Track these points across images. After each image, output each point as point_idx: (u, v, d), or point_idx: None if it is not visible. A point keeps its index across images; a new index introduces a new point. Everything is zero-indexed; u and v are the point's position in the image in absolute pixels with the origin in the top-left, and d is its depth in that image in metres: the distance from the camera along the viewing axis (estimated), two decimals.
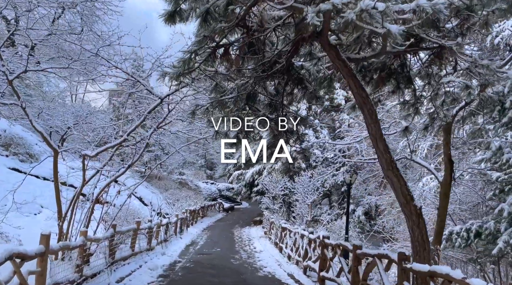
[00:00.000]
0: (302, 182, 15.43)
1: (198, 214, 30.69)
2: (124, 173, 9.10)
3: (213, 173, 60.03)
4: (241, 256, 15.29)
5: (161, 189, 32.99)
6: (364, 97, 6.70)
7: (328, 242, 9.30)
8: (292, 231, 14.90)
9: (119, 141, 8.17)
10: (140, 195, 24.52)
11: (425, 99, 8.58)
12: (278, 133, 8.52)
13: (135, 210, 17.77)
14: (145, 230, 14.24)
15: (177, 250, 16.44)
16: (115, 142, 8.36)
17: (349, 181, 13.75)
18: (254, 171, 29.58)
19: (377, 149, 6.92)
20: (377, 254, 6.40)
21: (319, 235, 10.23)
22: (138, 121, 8.10)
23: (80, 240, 8.66)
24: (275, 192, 22.03)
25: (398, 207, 22.12)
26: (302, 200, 15.19)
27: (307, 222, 15.09)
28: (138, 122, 8.03)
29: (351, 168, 16.71)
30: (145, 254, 13.92)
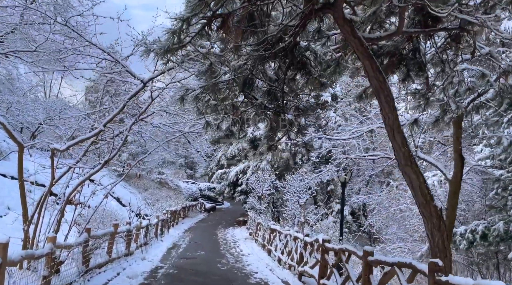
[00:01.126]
0: (294, 180, 14.54)
1: (179, 215, 29.49)
2: (99, 170, 7.98)
3: (194, 173, 58.67)
4: (228, 260, 14.27)
5: (140, 189, 31.66)
6: (381, 82, 5.82)
7: (330, 246, 8.41)
8: (282, 233, 13.99)
9: (94, 133, 7.06)
10: (118, 195, 23.17)
11: (438, 88, 7.80)
12: (277, 124, 7.58)
13: (113, 211, 16.50)
14: (124, 233, 13.06)
15: (158, 254, 15.29)
16: (89, 134, 7.25)
17: (344, 180, 12.95)
18: (238, 170, 28.56)
19: (394, 142, 6.06)
20: (397, 262, 5.53)
21: (317, 239, 9.33)
22: (117, 109, 7.02)
23: (48, 248, 7.48)
24: (262, 192, 21.09)
25: (388, 207, 21.56)
26: (294, 200, 14.31)
27: (299, 223, 14.21)
28: (116, 111, 6.95)
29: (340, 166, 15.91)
30: (124, 260, 12.75)
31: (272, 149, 7.69)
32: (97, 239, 10.55)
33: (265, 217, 17.52)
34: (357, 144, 12.56)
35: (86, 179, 8.15)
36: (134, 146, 22.14)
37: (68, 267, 8.88)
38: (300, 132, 7.40)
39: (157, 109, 9.15)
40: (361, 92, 7.47)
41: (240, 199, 30.65)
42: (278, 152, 7.72)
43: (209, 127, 7.51)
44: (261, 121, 7.66)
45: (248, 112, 7.57)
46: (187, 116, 9.62)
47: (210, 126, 7.50)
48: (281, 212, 21.05)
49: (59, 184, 9.70)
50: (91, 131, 7.73)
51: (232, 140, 8.05)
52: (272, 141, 7.62)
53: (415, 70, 7.40)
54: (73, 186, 9.68)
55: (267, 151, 7.74)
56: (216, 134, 8.07)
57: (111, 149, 8.03)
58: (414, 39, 7.13)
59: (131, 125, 7.81)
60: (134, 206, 22.10)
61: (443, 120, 8.16)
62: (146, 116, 9.25)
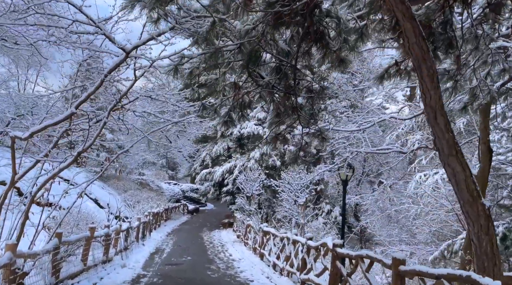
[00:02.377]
0: (291, 178, 13.37)
1: (161, 217, 27.99)
2: (72, 163, 6.65)
3: (176, 174, 57.10)
4: (218, 266, 13.01)
5: (120, 190, 30.00)
6: (424, 51, 4.73)
7: (343, 252, 7.27)
8: (277, 236, 12.82)
9: (64, 116, 5.75)
10: (96, 196, 21.59)
11: (469, 69, 6.78)
12: (285, 109, 6.41)
13: (89, 213, 15.03)
14: (101, 238, 11.66)
15: (140, 260, 13.89)
16: (57, 118, 5.94)
17: (346, 177, 11.88)
18: (225, 169, 27.28)
19: (435, 126, 4.97)
20: (446, 274, 4.42)
21: (325, 243, 8.20)
22: (92, 88, 5.71)
23: (6, 257, 6.11)
24: (251, 192, 19.89)
25: (383, 207, 20.67)
26: (292, 199, 13.16)
27: (298, 225, 13.06)
28: (92, 89, 5.64)
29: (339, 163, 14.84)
30: (101, 268, 11.35)
31: (279, 139, 6.53)
32: (70, 245, 9.16)
33: (256, 218, 16.32)
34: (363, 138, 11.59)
35: (56, 174, 6.80)
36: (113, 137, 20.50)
37: (34, 279, 7.50)
38: (313, 118, 6.25)
39: (141, 95, 7.85)
40: (383, 71, 6.38)
41: (226, 200, 29.37)
42: (286, 141, 6.56)
43: (205, 111, 6.29)
44: (266, 105, 6.47)
45: (251, 94, 6.39)
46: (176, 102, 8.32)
47: (207, 110, 6.28)
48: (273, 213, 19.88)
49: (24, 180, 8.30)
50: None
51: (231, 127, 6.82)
52: (279, 129, 6.46)
53: (445, 46, 6.35)
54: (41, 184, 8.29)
55: (273, 142, 6.58)
56: (207, 126, 6.77)
57: (86, 138, 6.71)
58: (446, 10, 6.09)
59: (110, 109, 6.52)
60: (113, 207, 20.55)
61: (472, 107, 7.18)
62: (128, 102, 7.95)
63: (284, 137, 6.51)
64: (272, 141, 6.53)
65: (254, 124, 26.54)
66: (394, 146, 12.07)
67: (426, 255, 12.45)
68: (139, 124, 9.75)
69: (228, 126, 6.65)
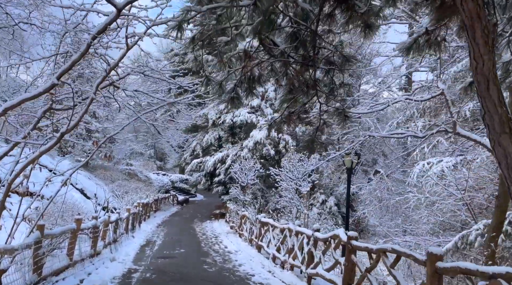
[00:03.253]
0: (292, 166, 12.59)
1: (151, 208, 27.12)
2: (55, 145, 5.77)
3: (164, 164, 56.05)
4: (215, 259, 12.25)
5: (107, 180, 29.02)
6: (480, 7, 3.96)
7: (360, 245, 6.55)
8: (277, 227, 12.10)
9: (44, 88, 4.83)
10: (82, 186, 20.59)
11: (503, 40, 6.05)
12: (300, 84, 5.60)
13: (75, 204, 14.12)
14: (89, 230, 10.78)
15: (130, 253, 13.06)
16: (36, 90, 5.03)
17: (351, 164, 11.17)
18: (217, 159, 26.41)
19: (486, 98, 4.21)
20: (505, 273, 3.71)
21: (336, 234, 7.48)
22: (77, 54, 4.82)
23: None
24: (246, 182, 19.12)
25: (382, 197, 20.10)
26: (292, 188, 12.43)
27: (304, 216, 12.33)
28: (77, 56, 4.71)
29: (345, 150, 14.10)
30: (89, 262, 10.49)
31: (293, 118, 5.73)
32: (53, 238, 8.28)
33: (253, 209, 15.58)
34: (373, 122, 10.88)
35: (36, 158, 5.91)
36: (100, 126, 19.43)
37: (13, 277, 6.63)
38: (333, 94, 5.46)
39: (133, 70, 6.93)
40: (411, 41, 5.60)
41: (218, 190, 28.55)
42: (301, 121, 5.76)
43: (208, 86, 5.45)
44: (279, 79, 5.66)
45: (262, 65, 5.56)
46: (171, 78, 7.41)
47: (211, 84, 5.43)
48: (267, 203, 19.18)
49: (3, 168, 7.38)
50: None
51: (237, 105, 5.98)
52: (293, 107, 5.65)
53: None
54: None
55: (287, 121, 5.77)
56: (215, 102, 5.90)
57: (70, 118, 5.82)
58: None
59: (98, 84, 5.61)
60: (101, 198, 19.61)
61: (504, 83, 6.49)
62: (119, 78, 7.04)
63: (298, 116, 5.72)
64: (285, 121, 5.72)
65: (247, 112, 25.69)
66: (408, 130, 11.36)
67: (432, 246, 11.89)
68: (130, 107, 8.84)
69: (234, 104, 5.82)
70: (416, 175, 14.55)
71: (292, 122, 5.75)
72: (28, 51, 14.49)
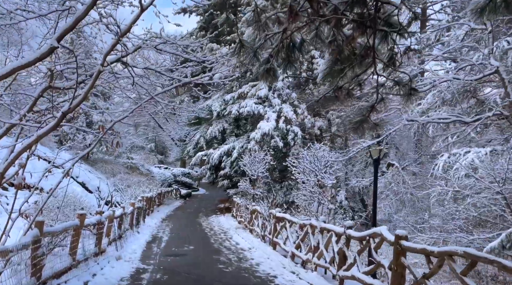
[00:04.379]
0: (313, 156, 11.57)
1: (154, 202, 26.26)
2: (55, 128, 4.80)
3: (165, 158, 55.22)
4: (228, 257, 11.33)
5: (108, 174, 28.15)
6: None
7: (416, 247, 5.60)
8: (296, 223, 11.17)
9: (42, 52, 3.84)
10: (83, 180, 19.67)
11: None
12: (350, 53, 4.62)
13: (77, 198, 13.17)
14: (93, 227, 9.86)
15: (136, 251, 12.16)
16: (30, 56, 4.05)
17: (378, 155, 10.23)
18: (222, 151, 25.42)
19: None
20: None
21: (378, 233, 6.54)
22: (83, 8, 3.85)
23: None
24: (257, 174, 18.19)
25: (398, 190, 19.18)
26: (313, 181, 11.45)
27: (331, 212, 11.38)
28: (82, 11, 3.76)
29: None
30: (93, 261, 9.58)
31: (341, 93, 4.76)
32: (54, 236, 7.35)
33: (265, 203, 14.65)
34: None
35: (33, 143, 4.96)
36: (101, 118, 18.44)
37: (8, 283, 5.70)
38: (393, 62, 4.49)
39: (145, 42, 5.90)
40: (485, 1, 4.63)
41: (223, 184, 27.63)
42: (351, 96, 4.78)
43: (242, 53, 4.47)
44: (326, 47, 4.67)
45: (305, 30, 4.58)
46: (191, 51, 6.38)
47: (245, 50, 4.46)
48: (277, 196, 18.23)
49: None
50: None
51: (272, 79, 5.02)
52: (343, 79, 4.68)
53: None
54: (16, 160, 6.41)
55: (335, 97, 4.79)
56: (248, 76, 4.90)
57: (73, 95, 4.86)
58: None
59: (107, 53, 4.64)
60: (103, 192, 18.68)
61: None
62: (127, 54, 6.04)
63: (348, 91, 4.76)
64: (333, 97, 4.75)
65: (254, 102, 24.67)
66: (454, 114, 10.31)
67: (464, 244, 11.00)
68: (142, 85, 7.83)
69: (269, 78, 4.84)
70: (441, 167, 13.60)
71: (340, 99, 4.79)
72: (27, 43, 13.49)
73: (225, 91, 30.12)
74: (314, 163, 11.89)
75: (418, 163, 20.66)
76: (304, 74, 26.01)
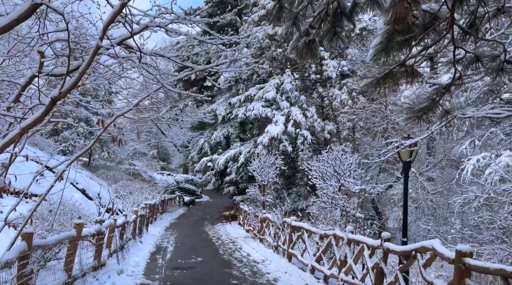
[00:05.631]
0: (334, 159, 10.44)
1: (157, 210, 25.23)
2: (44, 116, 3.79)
3: (167, 164, 54.33)
4: (242, 271, 10.27)
5: (110, 180, 27.22)
6: None
7: (490, 266, 4.56)
8: (316, 234, 10.12)
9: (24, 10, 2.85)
10: (83, 186, 18.66)
11: None
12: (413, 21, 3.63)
13: (76, 206, 12.14)
14: (92, 237, 8.83)
15: (140, 263, 11.14)
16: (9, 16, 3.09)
17: (409, 157, 9.21)
18: (228, 156, 24.40)
19: None
20: None
21: (429, 247, 5.50)
22: None
23: None
24: (267, 180, 17.16)
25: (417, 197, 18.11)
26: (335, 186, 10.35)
27: (358, 221, 10.30)
28: None
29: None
30: (91, 276, 8.54)
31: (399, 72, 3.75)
32: (47, 250, 6.34)
33: (278, 211, 13.60)
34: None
35: (17, 137, 3.98)
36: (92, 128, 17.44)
37: None
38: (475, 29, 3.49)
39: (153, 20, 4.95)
40: None
41: (229, 190, 26.58)
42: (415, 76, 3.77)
43: (279, 19, 3.50)
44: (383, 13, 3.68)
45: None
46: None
47: (284, 14, 3.48)
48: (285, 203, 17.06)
49: None
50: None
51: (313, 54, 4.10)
52: (405, 53, 3.69)
53: None
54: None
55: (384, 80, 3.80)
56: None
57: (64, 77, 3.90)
58: None
59: (108, 23, 3.67)
60: (104, 199, 17.68)
61: None
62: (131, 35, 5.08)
63: (412, 69, 3.75)
64: (386, 78, 3.74)
65: (261, 105, 23.67)
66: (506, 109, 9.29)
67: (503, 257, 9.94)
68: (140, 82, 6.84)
69: (308, 53, 3.86)
70: (469, 171, 12.54)
71: (400, 79, 3.78)
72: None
73: (230, 94, 29.22)
74: (338, 166, 10.84)
75: (436, 168, 19.59)
76: (313, 76, 25.07)
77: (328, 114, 25.57)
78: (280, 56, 25.33)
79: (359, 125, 23.87)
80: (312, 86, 27.10)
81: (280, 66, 25.87)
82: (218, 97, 33.93)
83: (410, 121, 4.04)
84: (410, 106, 4.04)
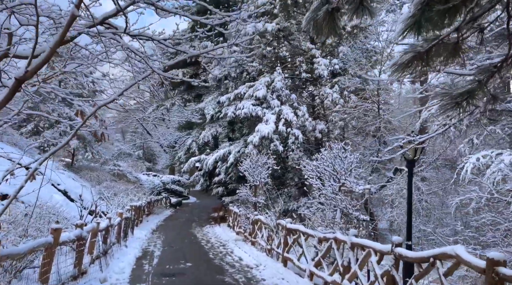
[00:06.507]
0: (334, 157, 9.86)
1: (143, 212, 24.36)
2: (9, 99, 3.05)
3: (153, 165, 53.26)
4: (235, 277, 9.59)
5: (93, 181, 26.23)
6: None
7: None
8: (314, 237, 9.50)
9: None
10: (65, 187, 17.74)
11: None
12: None
13: (55, 208, 11.30)
14: (72, 243, 8.05)
15: (125, 270, 10.37)
16: None
17: (413, 158, 8.67)
18: (217, 156, 23.65)
19: None
20: None
21: (451, 253, 4.94)
22: None
23: None
24: (259, 180, 16.50)
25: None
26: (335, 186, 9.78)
27: (362, 223, 9.72)
28: None
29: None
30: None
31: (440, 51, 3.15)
32: (17, 260, 5.57)
33: (272, 213, 12.96)
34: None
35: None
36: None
37: None
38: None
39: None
40: None
41: (217, 191, 25.86)
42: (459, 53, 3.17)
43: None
44: None
45: None
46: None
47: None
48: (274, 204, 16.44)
49: None
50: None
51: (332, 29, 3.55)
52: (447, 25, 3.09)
53: None
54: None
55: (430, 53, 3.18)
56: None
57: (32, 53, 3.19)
58: None
59: None
60: (87, 201, 16.78)
61: None
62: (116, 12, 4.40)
63: (456, 45, 3.13)
64: (437, 48, 3.11)
65: (251, 104, 23.02)
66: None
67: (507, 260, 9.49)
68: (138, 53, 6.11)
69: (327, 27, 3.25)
70: (469, 170, 12.10)
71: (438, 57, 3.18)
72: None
73: (219, 93, 28.52)
74: (338, 165, 10.25)
75: (430, 168, 19.22)
76: (304, 74, 24.53)
77: (319, 113, 25.06)
78: (270, 54, 24.77)
79: (351, 124, 23.44)
80: (303, 85, 26.58)
81: (270, 64, 25.33)
82: (206, 95, 33.16)
83: (446, 108, 3.43)
84: (446, 91, 3.44)
